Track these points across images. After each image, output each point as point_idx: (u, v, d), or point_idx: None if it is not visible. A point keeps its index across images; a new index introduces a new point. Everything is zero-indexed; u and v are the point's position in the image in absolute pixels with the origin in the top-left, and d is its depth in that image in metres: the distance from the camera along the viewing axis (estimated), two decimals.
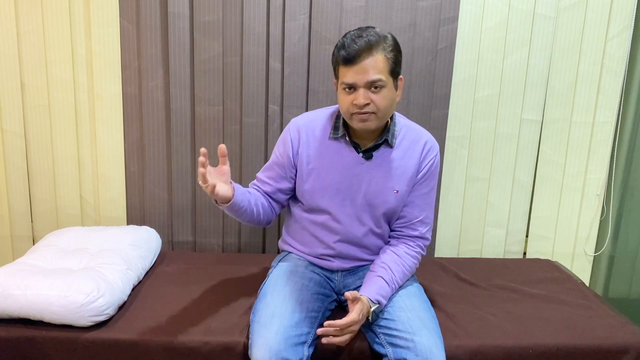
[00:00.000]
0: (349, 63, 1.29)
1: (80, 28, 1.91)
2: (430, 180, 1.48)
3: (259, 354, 1.21)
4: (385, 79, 1.31)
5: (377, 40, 1.30)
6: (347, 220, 1.47)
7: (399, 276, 1.41)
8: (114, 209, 2.04)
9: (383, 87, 1.31)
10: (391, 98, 1.34)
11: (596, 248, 2.16)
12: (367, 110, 1.32)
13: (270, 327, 1.25)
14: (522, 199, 2.10)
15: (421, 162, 1.45)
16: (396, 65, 1.34)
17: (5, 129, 1.97)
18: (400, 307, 1.36)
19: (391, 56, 1.32)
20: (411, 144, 1.45)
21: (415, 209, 1.47)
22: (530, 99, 2.01)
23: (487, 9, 1.93)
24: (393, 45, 1.33)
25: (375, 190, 1.44)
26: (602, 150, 2.07)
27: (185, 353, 1.33)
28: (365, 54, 1.28)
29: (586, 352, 1.37)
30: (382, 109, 1.33)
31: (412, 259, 1.46)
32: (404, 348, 1.25)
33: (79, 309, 1.33)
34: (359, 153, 1.44)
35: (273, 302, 1.34)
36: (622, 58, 1.98)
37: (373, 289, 1.35)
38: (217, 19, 1.87)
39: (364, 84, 1.30)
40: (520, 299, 1.63)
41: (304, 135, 1.47)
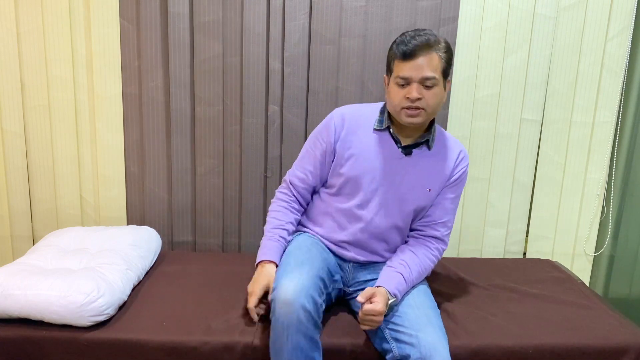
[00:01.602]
0: (407, 58, 1.36)
1: (80, 28, 1.91)
2: (458, 186, 1.53)
3: (290, 285, 1.24)
4: (438, 77, 1.37)
5: (434, 41, 1.37)
6: (374, 210, 1.48)
7: (416, 276, 1.43)
8: (114, 209, 2.04)
9: (435, 85, 1.37)
10: (441, 97, 1.41)
11: (596, 248, 2.16)
12: (418, 105, 1.38)
13: (300, 269, 1.31)
14: (522, 199, 2.10)
15: (455, 168, 1.50)
16: (448, 66, 1.40)
17: (5, 129, 1.97)
18: (409, 304, 1.37)
19: (445, 57, 1.38)
20: (447, 149, 1.52)
21: (441, 211, 1.50)
22: (530, 99, 2.01)
23: (487, 9, 1.93)
24: (447, 48, 1.40)
25: (409, 186, 1.48)
26: (602, 150, 2.07)
27: (185, 353, 1.33)
28: (423, 51, 1.35)
29: (586, 352, 1.37)
30: (432, 106, 1.39)
31: (430, 261, 1.48)
32: (408, 344, 1.26)
33: (79, 309, 1.33)
34: (399, 148, 1.48)
35: (299, 255, 1.39)
36: (622, 58, 1.98)
37: (392, 283, 1.37)
38: (217, 19, 1.87)
39: (418, 79, 1.36)
40: (520, 299, 1.63)
41: (347, 123, 1.51)
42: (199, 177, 2.00)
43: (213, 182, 2.00)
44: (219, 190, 2.01)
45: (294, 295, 1.22)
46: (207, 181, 2.00)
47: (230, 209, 2.03)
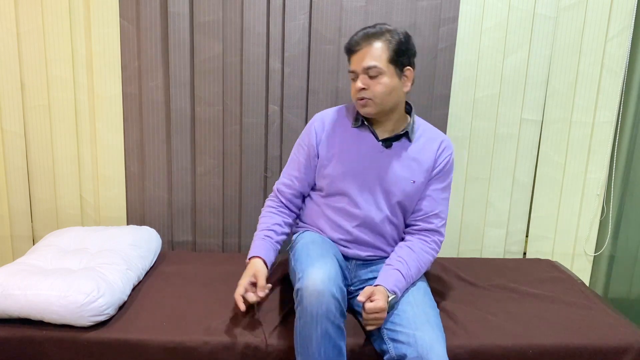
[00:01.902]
0: (351, 53, 1.44)
1: (80, 28, 1.91)
2: (445, 176, 1.53)
3: (318, 275, 1.23)
4: (383, 66, 1.40)
5: (378, 32, 1.41)
6: (366, 205, 1.50)
7: (414, 271, 1.43)
8: (114, 209, 2.04)
9: (380, 75, 1.40)
10: (390, 86, 1.42)
11: (596, 248, 2.16)
12: (364, 95, 1.43)
13: (324, 260, 1.30)
14: (522, 199, 2.10)
15: (437, 158, 1.52)
16: (398, 54, 1.41)
17: (5, 129, 1.97)
18: (408, 302, 1.37)
19: (393, 45, 1.40)
20: (429, 140, 1.53)
21: (431, 203, 1.51)
22: (530, 99, 2.01)
23: (487, 9, 1.93)
24: (398, 37, 1.42)
25: (392, 178, 1.49)
26: (602, 150, 2.07)
27: (185, 353, 1.33)
28: (363, 42, 1.41)
29: (586, 352, 1.37)
30: (379, 95, 1.42)
31: (427, 255, 1.48)
32: (405, 344, 1.26)
33: (79, 309, 1.33)
34: (379, 142, 1.50)
35: (317, 248, 1.39)
36: (622, 58, 1.98)
37: (390, 280, 1.37)
38: (217, 19, 1.87)
39: (361, 70, 1.41)
40: (520, 299, 1.63)
41: (327, 125, 1.56)
42: (199, 177, 2.00)
43: (213, 182, 2.00)
44: (219, 190, 2.01)
45: (322, 285, 1.22)
46: (207, 181, 2.00)
47: (230, 209, 2.03)
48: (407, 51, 1.44)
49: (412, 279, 1.43)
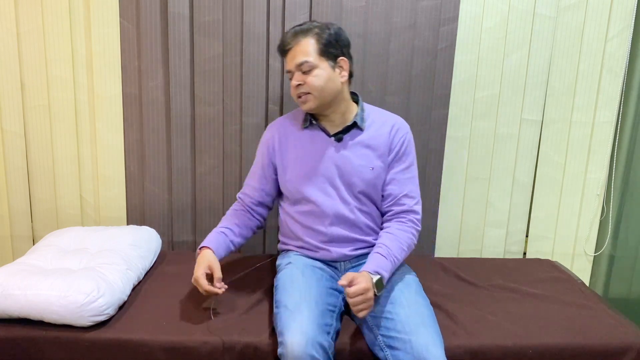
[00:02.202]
0: (284, 54, 1.50)
1: (80, 28, 1.91)
2: (405, 157, 1.54)
3: (295, 338, 1.21)
4: (314, 60, 1.45)
5: (306, 29, 1.46)
6: (331, 202, 1.52)
7: (396, 251, 1.43)
8: (114, 209, 2.04)
9: (313, 68, 1.45)
10: (325, 77, 1.46)
11: (596, 248, 2.16)
12: (302, 91, 1.47)
13: (301, 313, 1.27)
14: (522, 199, 2.10)
15: (391, 141, 1.53)
16: (328, 46, 1.45)
17: (5, 129, 1.97)
18: (400, 304, 1.36)
19: (322, 39, 1.45)
20: (381, 125, 1.55)
21: (397, 185, 1.52)
22: (530, 99, 2.01)
23: (487, 9, 1.93)
24: (326, 30, 1.47)
25: (350, 170, 1.51)
26: (602, 150, 2.07)
27: (185, 353, 1.33)
28: (293, 41, 1.46)
29: (586, 352, 1.37)
30: (317, 88, 1.46)
31: (406, 233, 1.48)
32: (401, 350, 1.25)
33: (79, 309, 1.33)
34: (331, 137, 1.53)
35: (297, 291, 1.36)
36: (622, 58, 1.98)
37: (371, 265, 1.38)
38: (217, 19, 1.87)
39: (294, 67, 1.46)
40: (520, 299, 1.63)
41: (278, 133, 1.60)
42: (199, 177, 2.00)
43: (213, 182, 2.00)
44: (219, 190, 2.01)
45: (300, 350, 1.19)
46: (207, 181, 2.00)
47: None
48: (338, 42, 1.47)
49: (395, 258, 1.41)
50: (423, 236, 2.05)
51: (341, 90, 1.51)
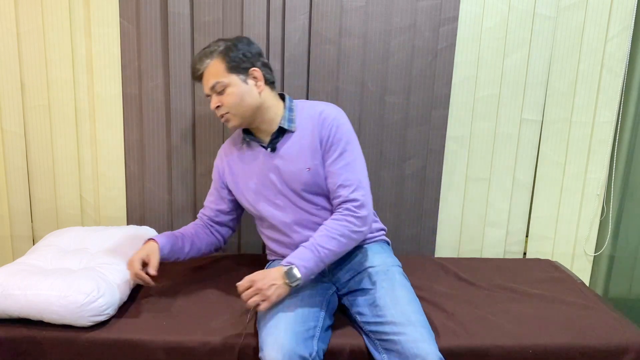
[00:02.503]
0: (196, 79, 1.51)
1: (80, 28, 1.91)
2: (335, 145, 1.47)
3: (272, 354, 1.21)
4: (225, 79, 1.45)
5: (209, 51, 1.47)
6: (285, 212, 1.52)
7: (322, 240, 1.38)
8: (114, 209, 2.04)
9: (226, 87, 1.45)
10: (239, 93, 1.46)
11: (596, 248, 2.17)
12: (222, 112, 1.48)
13: (278, 326, 1.26)
14: (522, 199, 2.10)
15: (320, 133, 1.48)
16: (236, 62, 1.45)
17: (5, 129, 1.97)
18: (386, 305, 1.35)
19: (227, 57, 1.45)
20: (308, 120, 1.51)
21: (332, 177, 1.47)
22: (530, 99, 2.01)
23: (487, 9, 1.93)
24: (228, 47, 1.46)
25: (289, 177, 1.50)
26: (602, 150, 2.07)
27: (185, 353, 1.33)
28: (200, 66, 1.47)
29: (586, 352, 1.37)
30: (233, 106, 1.46)
31: (339, 221, 1.41)
32: (394, 351, 1.26)
33: (79, 308, 1.33)
34: (267, 149, 1.53)
35: (276, 304, 1.35)
36: (622, 58, 1.99)
37: (288, 257, 1.37)
38: (217, 19, 1.87)
39: (209, 90, 1.48)
40: (520, 299, 1.63)
41: (226, 156, 1.63)
42: (199, 177, 2.00)
43: None
44: None
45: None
46: (207, 181, 2.00)
47: None
48: (246, 55, 1.47)
49: (319, 246, 1.36)
50: (423, 236, 2.05)
51: (262, 101, 1.49)
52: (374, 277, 1.45)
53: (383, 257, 1.53)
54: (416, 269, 1.83)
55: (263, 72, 1.50)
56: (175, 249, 1.55)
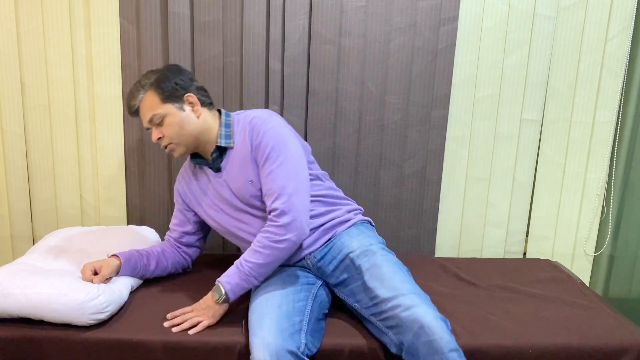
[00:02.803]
0: (134, 116, 1.51)
1: (80, 28, 1.91)
2: (262, 153, 1.45)
3: (259, 354, 1.21)
4: (161, 110, 1.45)
5: (140, 85, 1.47)
6: (251, 224, 1.52)
7: (247, 254, 1.40)
8: (114, 209, 2.04)
9: (164, 118, 1.46)
10: (178, 122, 1.46)
11: (596, 248, 2.17)
12: (165, 142, 1.48)
13: (262, 326, 1.27)
14: (522, 199, 2.10)
15: (251, 143, 1.48)
16: (169, 91, 1.46)
17: (5, 129, 1.97)
18: (375, 286, 1.37)
19: (158, 88, 1.45)
20: (242, 131, 1.51)
21: (264, 186, 1.45)
22: (530, 99, 2.01)
23: (487, 9, 1.93)
24: (159, 78, 1.47)
25: (238, 191, 1.51)
26: (602, 150, 2.07)
27: (185, 353, 1.33)
28: (135, 101, 1.48)
29: (586, 352, 1.37)
30: (174, 136, 1.47)
31: (262, 233, 1.41)
32: (396, 326, 1.28)
33: (80, 305, 1.33)
34: (212, 168, 1.55)
35: (260, 303, 1.36)
36: (622, 58, 1.99)
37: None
38: (217, 19, 1.87)
39: (148, 124, 1.48)
40: (520, 299, 1.63)
41: (184, 179, 1.65)
42: None
43: None
44: None
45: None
46: None
47: None
48: (178, 83, 1.47)
49: (244, 260, 1.39)
50: (423, 236, 2.05)
51: (201, 124, 1.49)
52: (357, 262, 1.45)
53: (360, 239, 1.51)
54: (416, 269, 1.83)
55: (198, 96, 1.50)
56: (139, 266, 1.56)
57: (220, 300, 1.38)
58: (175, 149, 1.49)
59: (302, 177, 1.44)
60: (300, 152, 1.48)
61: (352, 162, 1.99)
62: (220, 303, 1.39)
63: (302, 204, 1.41)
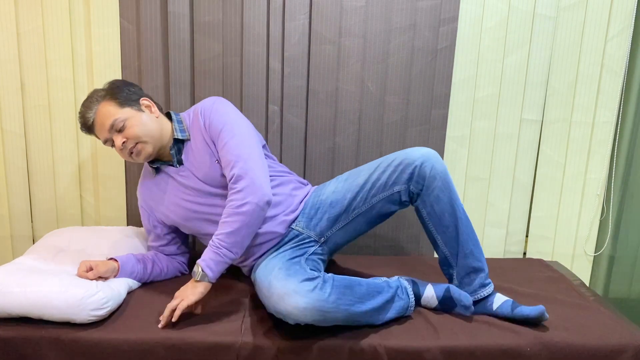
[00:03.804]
0: (90, 130, 1.51)
1: (80, 28, 1.91)
2: (215, 131, 1.52)
3: (291, 301, 1.26)
4: (121, 114, 1.47)
5: (94, 99, 1.49)
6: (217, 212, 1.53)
7: (219, 228, 1.42)
8: (114, 209, 2.04)
9: (125, 121, 1.47)
10: (141, 122, 1.49)
11: (596, 248, 2.16)
12: (130, 145, 1.48)
13: (274, 285, 1.32)
14: (522, 199, 2.10)
15: (204, 125, 1.54)
16: (124, 96, 1.49)
17: (5, 129, 1.97)
18: (354, 181, 1.56)
19: (113, 96, 1.48)
20: (194, 121, 1.58)
21: (221, 162, 1.51)
22: (530, 99, 2.01)
23: (487, 9, 1.93)
24: (111, 88, 1.51)
25: (206, 176, 1.54)
26: (602, 150, 2.07)
27: (185, 353, 1.33)
28: (91, 114, 1.48)
29: (585, 352, 1.37)
30: (141, 134, 1.48)
31: (227, 207, 1.43)
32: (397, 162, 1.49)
33: (80, 301, 1.33)
34: (175, 165, 1.57)
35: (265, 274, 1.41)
36: (622, 58, 1.99)
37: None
38: (217, 19, 1.87)
39: (109, 133, 1.48)
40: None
41: (144, 194, 1.66)
42: None
43: None
44: None
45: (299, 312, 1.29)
46: None
47: None
48: (130, 89, 1.52)
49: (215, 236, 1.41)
50: (423, 236, 2.04)
51: (161, 124, 1.54)
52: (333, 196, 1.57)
53: (327, 186, 1.64)
54: (416, 269, 1.83)
55: (152, 101, 1.56)
56: (137, 270, 1.58)
57: (198, 278, 1.38)
58: (143, 148, 1.50)
59: (254, 144, 1.51)
60: (251, 128, 1.56)
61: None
62: (199, 280, 1.39)
63: (258, 167, 1.46)
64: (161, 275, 1.67)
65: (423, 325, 1.43)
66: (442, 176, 1.46)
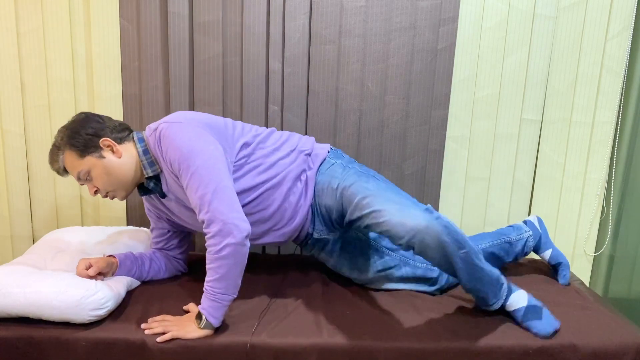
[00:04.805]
0: (66, 175, 1.50)
1: (80, 28, 1.91)
2: (177, 168, 1.40)
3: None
4: (83, 166, 1.44)
5: (56, 149, 1.45)
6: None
7: (207, 276, 1.37)
8: (114, 209, 2.04)
9: (89, 171, 1.45)
10: (104, 171, 1.45)
11: (596, 248, 2.16)
12: (103, 194, 1.49)
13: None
14: (522, 199, 2.10)
15: (164, 157, 1.43)
16: (82, 145, 1.43)
17: (5, 129, 1.97)
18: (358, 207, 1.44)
19: (72, 146, 1.43)
20: (158, 151, 1.46)
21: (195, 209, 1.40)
22: (530, 99, 2.01)
23: (487, 9, 1.93)
24: (69, 135, 1.43)
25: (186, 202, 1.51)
26: (602, 150, 2.07)
27: (185, 353, 1.33)
28: (59, 164, 1.46)
29: (585, 352, 1.37)
30: (107, 184, 1.46)
31: (207, 254, 1.37)
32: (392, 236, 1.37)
33: (79, 302, 1.33)
34: (161, 196, 1.55)
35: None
36: (622, 58, 1.99)
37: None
38: (217, 19, 1.87)
39: (81, 181, 1.47)
40: None
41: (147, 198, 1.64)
42: None
43: None
44: None
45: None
46: None
47: None
48: (89, 134, 1.43)
49: (206, 282, 1.37)
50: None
51: (127, 162, 1.47)
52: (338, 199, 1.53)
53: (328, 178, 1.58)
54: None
55: (112, 137, 1.46)
56: (135, 268, 1.59)
57: (202, 326, 1.35)
58: (115, 194, 1.49)
59: (218, 177, 1.36)
60: (212, 151, 1.39)
61: None
62: (203, 328, 1.35)
63: (225, 203, 1.35)
64: (160, 274, 1.67)
65: (423, 325, 1.44)
66: (435, 244, 1.34)
